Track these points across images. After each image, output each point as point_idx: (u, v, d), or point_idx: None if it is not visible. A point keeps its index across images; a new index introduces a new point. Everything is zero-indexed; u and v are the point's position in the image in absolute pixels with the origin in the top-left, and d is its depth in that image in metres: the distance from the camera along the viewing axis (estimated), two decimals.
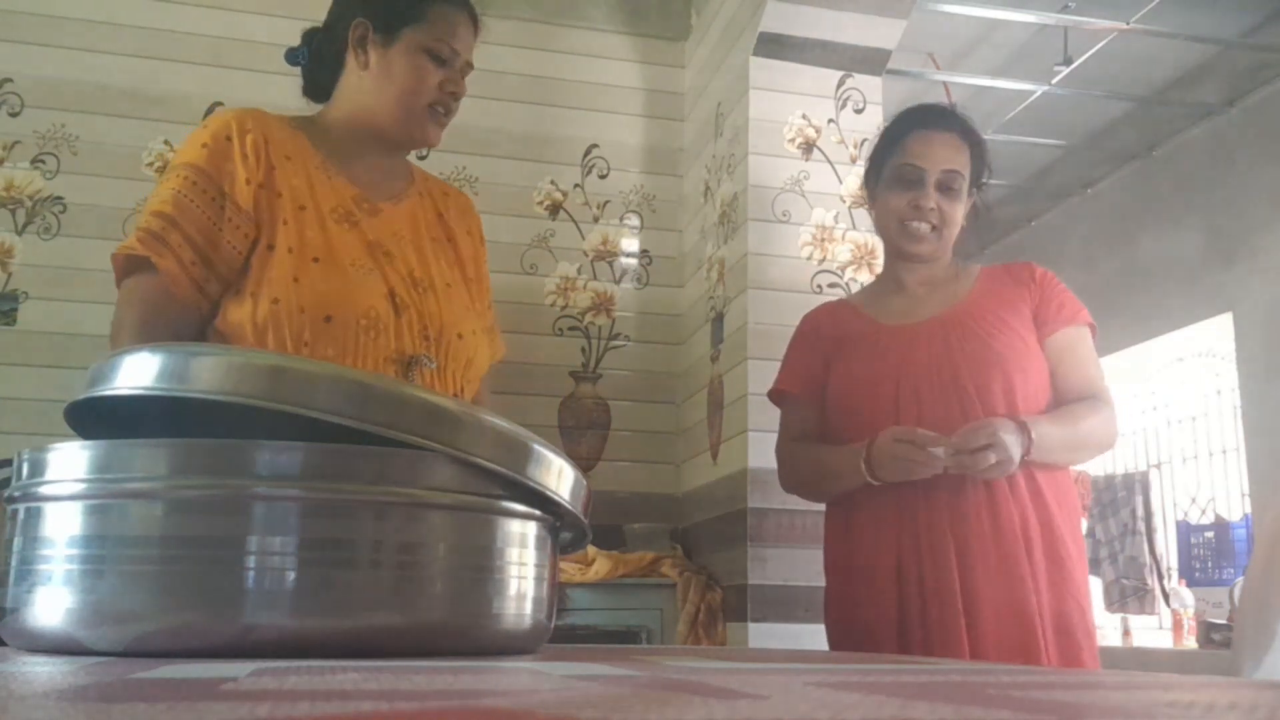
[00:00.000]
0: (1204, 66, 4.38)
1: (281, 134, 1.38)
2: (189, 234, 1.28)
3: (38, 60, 2.80)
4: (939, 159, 1.66)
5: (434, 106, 1.41)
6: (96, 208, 2.78)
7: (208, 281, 1.28)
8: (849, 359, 1.70)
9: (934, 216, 1.66)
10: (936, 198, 1.65)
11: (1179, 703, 0.33)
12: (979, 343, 1.63)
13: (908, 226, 1.67)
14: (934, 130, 1.69)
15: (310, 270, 1.28)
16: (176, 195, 1.29)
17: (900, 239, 1.69)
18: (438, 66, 1.39)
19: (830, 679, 0.41)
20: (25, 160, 2.78)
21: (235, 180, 1.31)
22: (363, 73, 1.41)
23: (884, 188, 1.70)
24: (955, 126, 1.71)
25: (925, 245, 1.67)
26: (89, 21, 2.85)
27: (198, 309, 1.28)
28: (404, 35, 1.39)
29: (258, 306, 1.26)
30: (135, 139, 2.84)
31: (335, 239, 1.32)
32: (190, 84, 2.89)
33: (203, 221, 1.28)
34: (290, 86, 1.64)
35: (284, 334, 1.25)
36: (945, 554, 1.54)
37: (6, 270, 2.72)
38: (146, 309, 1.26)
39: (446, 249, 1.47)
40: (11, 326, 2.69)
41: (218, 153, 1.32)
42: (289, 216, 1.31)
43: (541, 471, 0.63)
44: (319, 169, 1.37)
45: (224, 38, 2.93)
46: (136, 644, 0.54)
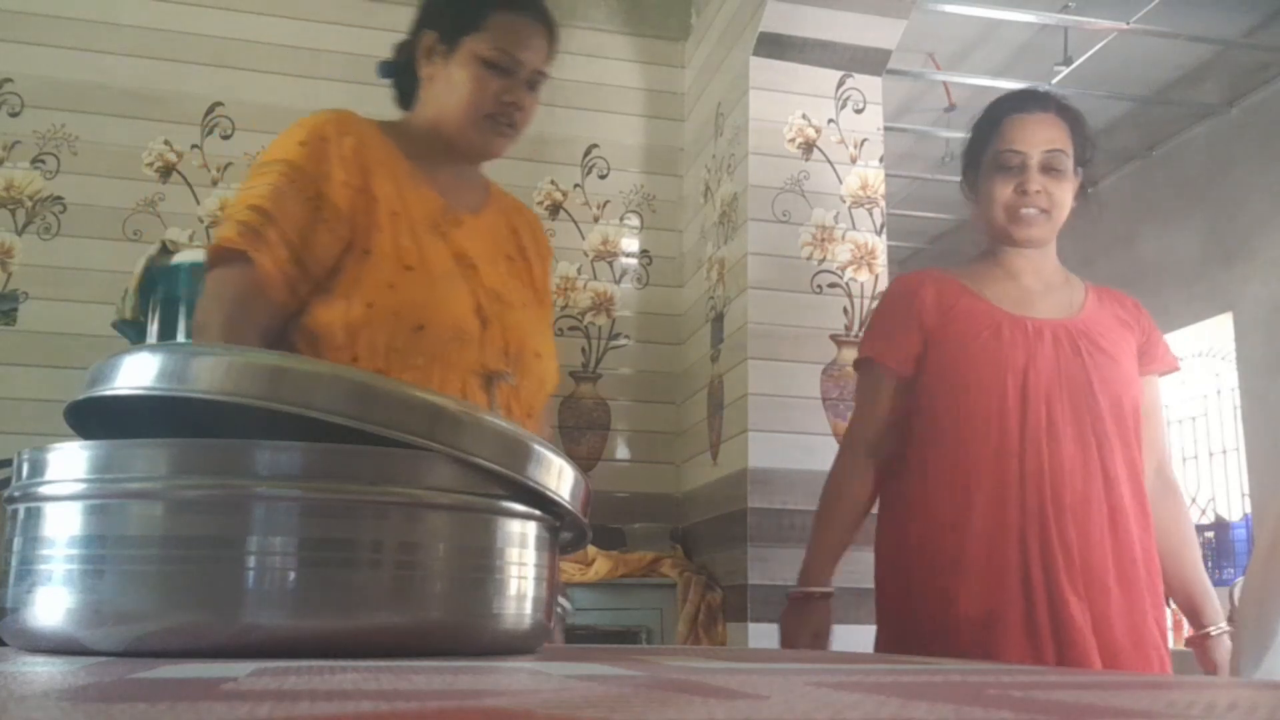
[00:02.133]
0: (1204, 66, 4.38)
1: (374, 139, 1.36)
2: (285, 232, 1.25)
3: (38, 60, 2.80)
4: (1039, 140, 1.61)
5: (494, 117, 1.38)
6: (96, 208, 2.79)
7: (300, 282, 1.25)
8: (963, 338, 1.60)
9: (1042, 200, 1.60)
10: (1042, 180, 1.60)
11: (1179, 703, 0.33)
12: (1109, 360, 1.58)
13: (1016, 213, 1.60)
14: (1030, 112, 1.64)
15: (404, 277, 1.27)
16: (274, 191, 1.26)
17: (1010, 225, 1.62)
18: (496, 76, 1.36)
19: (830, 679, 0.41)
20: (25, 160, 2.78)
21: (332, 181, 1.28)
22: (432, 84, 1.40)
23: (985, 177, 1.64)
24: (1051, 106, 1.66)
25: (1036, 229, 1.62)
26: (89, 21, 2.85)
27: (285, 308, 1.25)
28: (464, 45, 1.37)
29: (350, 308, 1.24)
30: (135, 139, 2.84)
31: (427, 248, 1.30)
32: (190, 84, 2.89)
33: (299, 220, 1.26)
34: (291, 87, 1.64)
35: (377, 339, 1.23)
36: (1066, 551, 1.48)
37: (6, 270, 2.73)
38: (236, 307, 1.23)
39: (520, 267, 1.45)
40: (11, 326, 2.69)
41: (316, 152, 1.29)
42: (384, 222, 1.29)
43: (541, 471, 0.63)
44: (408, 177, 1.35)
45: (225, 38, 2.93)
46: (136, 644, 0.54)
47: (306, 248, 1.25)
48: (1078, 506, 1.50)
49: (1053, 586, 1.48)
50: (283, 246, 1.24)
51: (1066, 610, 1.47)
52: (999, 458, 1.52)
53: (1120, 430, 1.54)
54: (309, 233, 1.26)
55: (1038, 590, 1.48)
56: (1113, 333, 1.62)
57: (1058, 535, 1.49)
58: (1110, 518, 1.52)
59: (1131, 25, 3.72)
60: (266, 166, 1.30)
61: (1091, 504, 1.51)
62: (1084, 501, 1.50)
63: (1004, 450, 1.52)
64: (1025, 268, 1.65)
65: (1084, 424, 1.53)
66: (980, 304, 1.61)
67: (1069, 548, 1.49)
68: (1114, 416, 1.55)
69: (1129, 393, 1.57)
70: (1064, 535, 1.49)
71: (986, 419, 1.54)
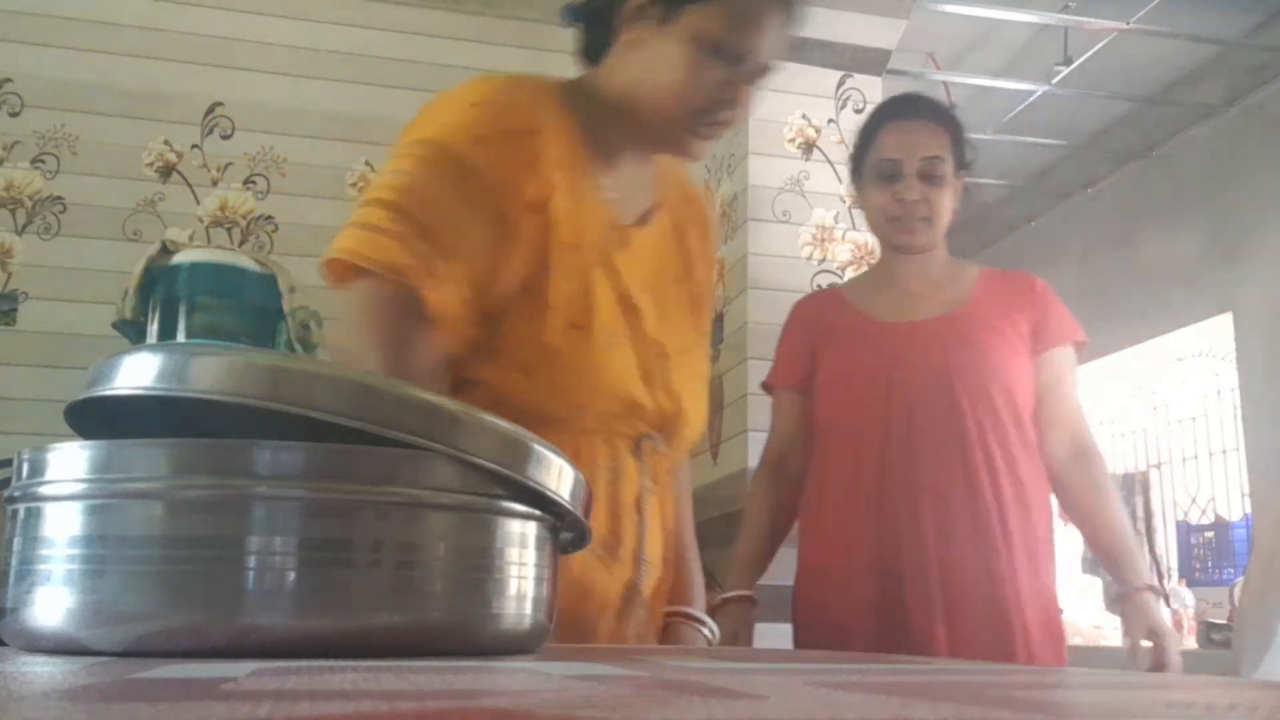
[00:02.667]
0: (1204, 66, 4.38)
1: (559, 131, 1.09)
2: (464, 264, 1.00)
3: (38, 60, 2.80)
4: (916, 148, 1.62)
5: (703, 113, 1.11)
6: (96, 208, 2.79)
7: (475, 326, 1.03)
8: (840, 352, 1.67)
9: (921, 208, 1.62)
10: (921, 188, 1.62)
11: (1179, 703, 0.33)
12: (976, 352, 1.60)
13: (896, 221, 1.63)
14: (906, 120, 1.66)
15: (570, 339, 1.05)
16: (450, 210, 1.00)
17: (891, 234, 1.65)
18: (720, 64, 1.09)
19: (830, 679, 0.41)
20: (25, 160, 2.78)
21: (517, 197, 1.03)
22: (632, 51, 1.12)
23: (866, 185, 1.68)
24: (926, 113, 1.68)
25: (917, 237, 1.64)
26: (89, 21, 2.85)
27: (446, 354, 1.03)
28: (685, 16, 1.08)
29: (500, 373, 1.04)
30: (135, 139, 2.84)
31: (596, 295, 1.08)
32: (191, 84, 2.89)
33: (481, 249, 1.01)
34: (291, 87, 1.62)
35: (530, 407, 1.01)
36: (925, 551, 1.53)
37: (6, 270, 2.72)
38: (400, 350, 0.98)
39: (684, 292, 1.22)
40: (11, 326, 2.69)
41: (503, 157, 1.04)
42: (558, 259, 1.06)
43: (541, 471, 0.63)
44: (585, 179, 1.11)
45: (225, 38, 2.93)
46: (136, 644, 0.54)
47: (488, 284, 1.02)
48: (939, 509, 1.54)
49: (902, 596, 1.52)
50: (463, 284, 1.00)
51: (908, 628, 1.51)
52: (860, 467, 1.58)
53: (993, 424, 1.56)
54: (489, 268, 1.02)
55: (889, 601, 1.53)
56: (993, 320, 1.63)
57: (914, 542, 1.53)
58: (974, 515, 1.54)
59: (1131, 25, 3.72)
60: (433, 160, 1.02)
61: (953, 504, 1.54)
62: (944, 503, 1.54)
63: (864, 460, 1.58)
64: (909, 271, 1.68)
65: (948, 425, 1.56)
66: (855, 316, 1.68)
67: (924, 553, 1.53)
68: (974, 410, 1.57)
69: (999, 383, 1.58)
70: (919, 541, 1.53)
71: (853, 429, 1.60)
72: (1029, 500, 1.59)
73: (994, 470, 1.56)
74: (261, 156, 2.91)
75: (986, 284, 1.70)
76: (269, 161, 2.91)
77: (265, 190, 2.91)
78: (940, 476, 1.55)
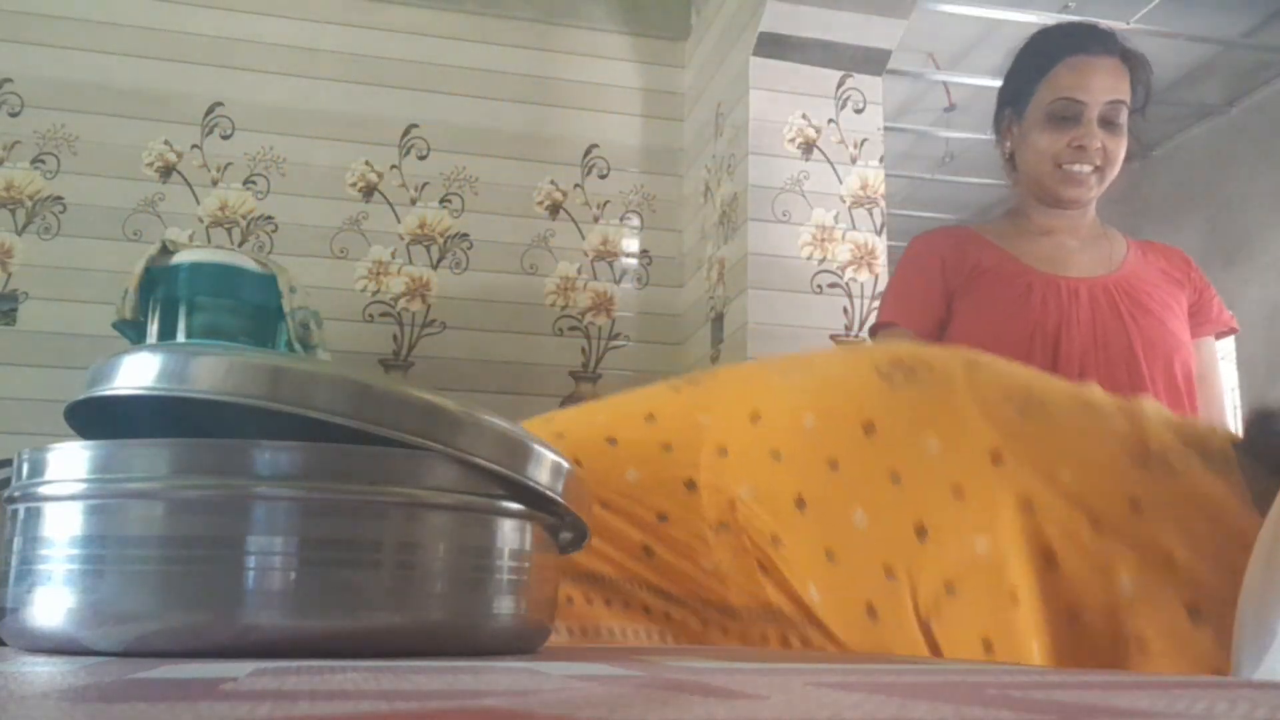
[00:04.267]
0: (1204, 66, 4.38)
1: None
2: None
3: (38, 60, 2.80)
4: (1101, 89, 1.44)
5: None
6: (96, 208, 2.79)
7: None
8: (989, 299, 1.46)
9: (1098, 156, 1.45)
10: (1101, 135, 1.44)
11: (1179, 702, 0.33)
12: (1154, 320, 1.44)
13: (1069, 171, 1.45)
14: (1092, 55, 1.46)
15: None
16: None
17: (1058, 185, 1.47)
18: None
19: (830, 679, 0.41)
20: (25, 160, 2.78)
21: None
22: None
23: (1033, 126, 1.47)
24: (1115, 50, 1.49)
25: (1088, 189, 1.47)
26: (89, 21, 2.85)
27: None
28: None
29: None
30: (135, 139, 2.84)
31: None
32: (191, 84, 2.89)
33: None
34: (291, 87, 1.62)
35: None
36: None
37: (6, 270, 2.73)
38: None
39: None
40: (11, 326, 2.69)
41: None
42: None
43: (541, 471, 0.63)
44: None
45: (225, 38, 2.93)
46: (136, 644, 0.54)
47: None
48: None
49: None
50: None
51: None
52: None
53: (1171, 398, 1.41)
54: None
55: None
56: (1159, 290, 1.48)
57: None
58: None
59: (1131, 25, 3.72)
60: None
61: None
62: None
63: None
64: (1060, 225, 1.51)
65: (1125, 394, 1.44)
66: (1009, 262, 1.47)
67: None
68: (1162, 383, 1.41)
69: (1179, 355, 1.43)
70: None
71: None
72: None
73: None
74: (261, 156, 2.91)
75: (1141, 251, 1.54)
76: (269, 161, 2.91)
77: (265, 190, 2.91)
78: None
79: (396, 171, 2.99)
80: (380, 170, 2.98)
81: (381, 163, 2.99)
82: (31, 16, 2.82)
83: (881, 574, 0.81)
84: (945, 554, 0.79)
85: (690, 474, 0.92)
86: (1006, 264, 1.46)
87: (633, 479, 0.94)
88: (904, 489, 0.82)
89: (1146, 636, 0.75)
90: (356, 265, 2.91)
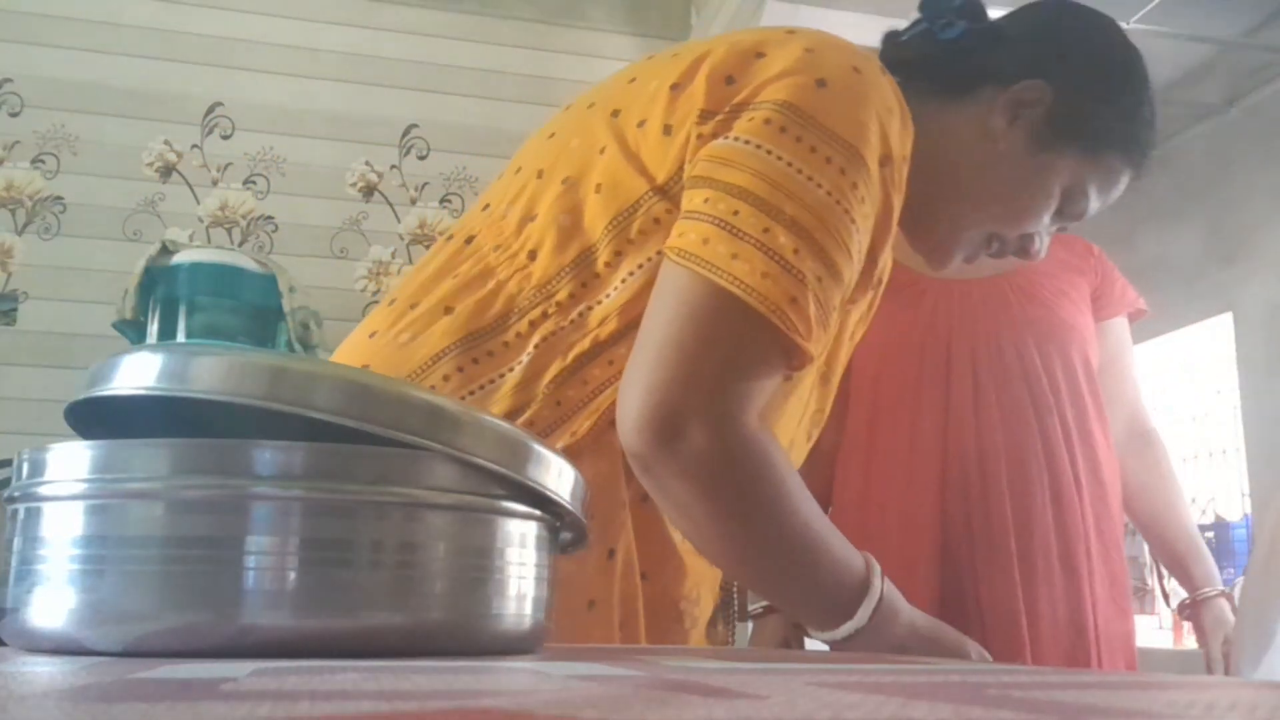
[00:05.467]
0: (1204, 66, 4.38)
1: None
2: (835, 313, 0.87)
3: (38, 60, 2.80)
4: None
5: (999, 244, 1.03)
6: (96, 208, 2.79)
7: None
8: (882, 312, 1.39)
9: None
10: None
11: (1179, 702, 0.33)
12: (1045, 309, 1.45)
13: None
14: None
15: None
16: (856, 254, 0.86)
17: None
18: (1057, 208, 1.01)
19: (830, 679, 0.41)
20: (25, 160, 2.78)
21: (888, 244, 0.91)
22: (978, 134, 0.99)
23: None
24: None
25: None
26: (89, 21, 2.86)
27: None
28: (1064, 158, 0.98)
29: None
30: (135, 139, 2.84)
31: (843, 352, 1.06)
32: (191, 84, 2.89)
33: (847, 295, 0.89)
34: (291, 87, 1.62)
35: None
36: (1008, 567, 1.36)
37: (6, 270, 2.73)
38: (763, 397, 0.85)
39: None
40: (11, 326, 2.70)
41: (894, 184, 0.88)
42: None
43: (541, 471, 0.63)
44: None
45: (225, 38, 2.93)
46: (136, 644, 0.54)
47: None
48: (1015, 479, 1.38)
49: (979, 572, 1.36)
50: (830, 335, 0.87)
51: (993, 596, 1.35)
52: (914, 437, 1.41)
53: (1069, 388, 1.42)
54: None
55: (963, 578, 1.37)
56: (1054, 280, 1.50)
57: (986, 515, 1.37)
58: (1052, 488, 1.39)
59: (1131, 25, 3.72)
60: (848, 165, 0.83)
61: (1031, 475, 1.39)
62: (1021, 473, 1.38)
63: (920, 428, 1.41)
64: None
65: (1019, 387, 1.40)
66: (901, 272, 1.44)
67: (1002, 527, 1.36)
68: (1060, 371, 1.42)
69: (1074, 342, 1.45)
70: (996, 514, 1.37)
71: (900, 396, 1.43)
72: (1104, 477, 1.44)
73: (1084, 438, 1.42)
74: (261, 156, 2.91)
75: None
76: (269, 161, 2.91)
77: (265, 190, 2.91)
78: (1017, 448, 1.39)
79: (396, 171, 2.99)
80: (380, 170, 2.98)
81: (381, 163, 2.99)
82: (31, 16, 2.82)
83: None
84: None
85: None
86: (898, 274, 1.42)
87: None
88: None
89: None
90: (356, 265, 2.91)
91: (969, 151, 0.99)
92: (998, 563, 1.37)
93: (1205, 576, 1.52)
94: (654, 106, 0.90)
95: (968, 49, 1.00)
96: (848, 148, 0.83)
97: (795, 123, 0.83)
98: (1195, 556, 1.53)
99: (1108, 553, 1.44)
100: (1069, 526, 1.40)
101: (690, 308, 0.81)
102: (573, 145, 0.95)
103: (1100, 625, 1.41)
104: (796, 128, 0.83)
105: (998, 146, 0.98)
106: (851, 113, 0.85)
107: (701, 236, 0.81)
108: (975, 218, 1.01)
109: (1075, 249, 1.59)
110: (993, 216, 1.01)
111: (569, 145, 0.96)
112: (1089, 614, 1.40)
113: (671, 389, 0.79)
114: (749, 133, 0.83)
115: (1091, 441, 1.45)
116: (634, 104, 0.93)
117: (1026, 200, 0.99)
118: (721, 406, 0.80)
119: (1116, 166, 1.01)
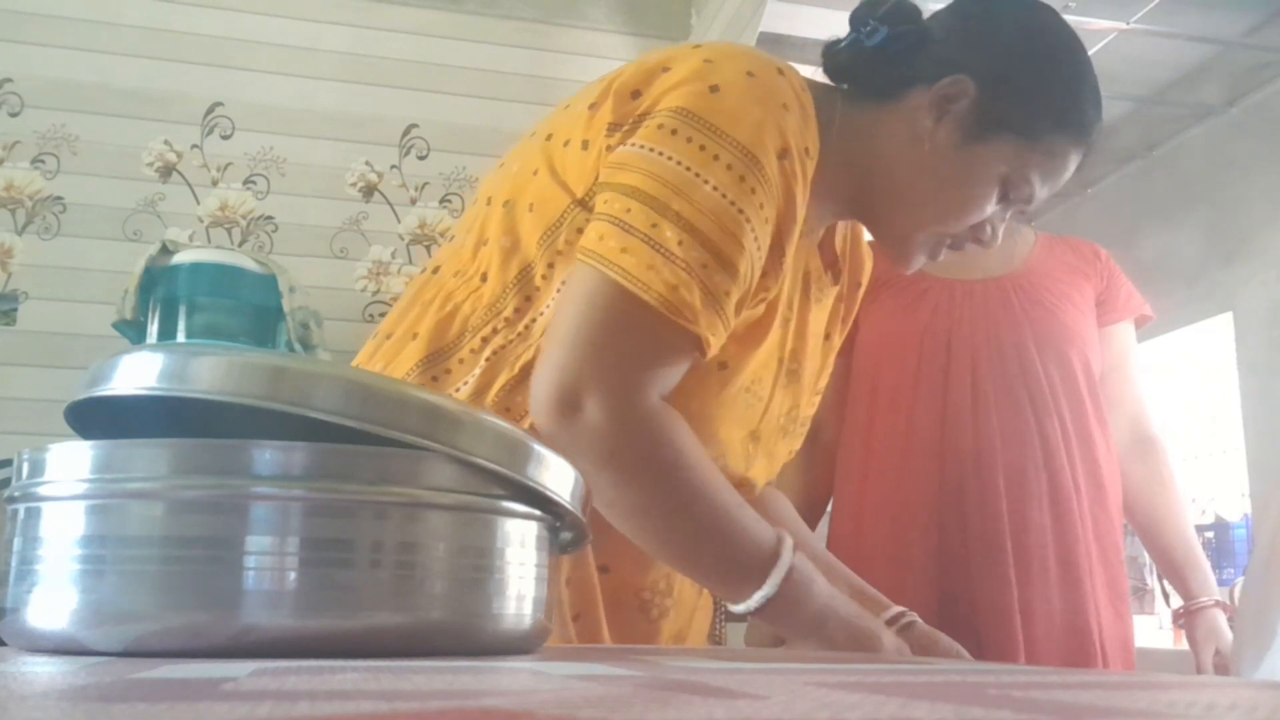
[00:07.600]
0: (1204, 66, 4.38)
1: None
2: (737, 302, 0.90)
3: (38, 60, 2.80)
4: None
5: (952, 237, 1.03)
6: (96, 208, 2.79)
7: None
8: (884, 310, 1.47)
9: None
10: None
11: (1179, 703, 0.33)
12: (1047, 313, 1.45)
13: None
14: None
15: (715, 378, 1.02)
16: (750, 244, 0.88)
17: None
18: (1000, 198, 1.00)
19: (830, 679, 0.41)
20: (25, 160, 2.78)
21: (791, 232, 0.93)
22: (911, 134, 0.99)
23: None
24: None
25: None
26: (89, 21, 2.86)
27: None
28: (998, 145, 0.97)
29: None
30: (135, 139, 2.84)
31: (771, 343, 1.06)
32: (191, 84, 2.89)
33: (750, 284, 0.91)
34: (291, 87, 1.62)
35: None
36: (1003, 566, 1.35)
37: (6, 270, 2.73)
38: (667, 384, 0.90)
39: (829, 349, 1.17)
40: (11, 326, 2.70)
41: (802, 180, 0.91)
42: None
43: (541, 471, 0.63)
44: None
45: (225, 38, 2.93)
46: (136, 644, 0.54)
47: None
48: (1012, 481, 1.38)
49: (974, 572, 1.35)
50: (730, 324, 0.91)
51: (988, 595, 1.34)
52: (911, 436, 1.41)
53: (1068, 391, 1.42)
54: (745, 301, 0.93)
55: (958, 577, 1.36)
56: (1059, 283, 1.49)
57: (983, 515, 1.37)
58: (1050, 491, 1.39)
59: (1131, 25, 3.72)
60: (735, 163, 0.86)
61: (1029, 477, 1.38)
62: (1019, 475, 1.38)
63: (917, 427, 1.41)
64: None
65: (1018, 389, 1.40)
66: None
67: (998, 528, 1.36)
68: (1058, 375, 1.42)
69: (1075, 347, 1.45)
70: (992, 514, 1.36)
71: (897, 394, 1.42)
72: (1104, 480, 1.44)
73: (1084, 441, 1.42)
74: (261, 156, 2.91)
75: (1047, 247, 1.57)
76: (269, 161, 2.91)
77: (265, 190, 2.91)
78: (1014, 449, 1.39)
79: (396, 171, 2.99)
80: (380, 170, 2.98)
81: (381, 163, 2.99)
82: (31, 16, 2.82)
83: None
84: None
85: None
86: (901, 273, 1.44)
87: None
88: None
89: None
90: (356, 265, 2.91)
91: (903, 155, 1.00)
92: (993, 562, 1.36)
93: (1201, 586, 1.52)
94: (575, 126, 0.97)
95: (893, 53, 1.00)
96: (737, 146, 0.87)
97: (687, 125, 0.88)
98: (1192, 565, 1.54)
99: (1106, 555, 1.44)
100: (1067, 529, 1.40)
101: (588, 299, 0.87)
102: (514, 170, 1.02)
103: (1103, 629, 1.41)
104: (688, 129, 0.88)
105: (926, 146, 0.98)
106: (742, 113, 0.88)
107: (599, 234, 0.88)
108: (919, 218, 1.02)
109: (1082, 252, 1.59)
110: (934, 216, 1.01)
111: (512, 171, 1.02)
112: (1092, 617, 1.40)
113: (569, 369, 0.86)
114: (644, 138, 0.89)
115: (1091, 445, 1.45)
116: (562, 127, 0.99)
117: (965, 194, 0.99)
118: (616, 384, 0.86)
119: (1058, 147, 1.00)
